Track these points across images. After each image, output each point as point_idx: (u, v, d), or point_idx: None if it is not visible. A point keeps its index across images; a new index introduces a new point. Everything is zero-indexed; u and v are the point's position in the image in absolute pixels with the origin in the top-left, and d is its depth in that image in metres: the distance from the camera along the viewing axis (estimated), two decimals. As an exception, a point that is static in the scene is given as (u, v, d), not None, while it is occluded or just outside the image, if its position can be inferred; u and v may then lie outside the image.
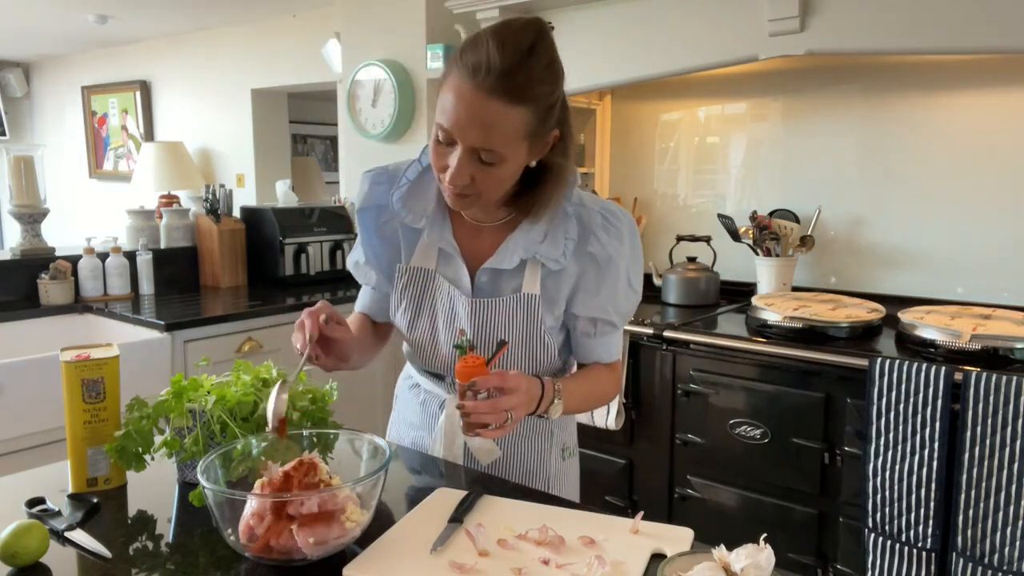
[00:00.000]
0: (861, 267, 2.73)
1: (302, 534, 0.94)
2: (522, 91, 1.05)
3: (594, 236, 1.23)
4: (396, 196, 1.26)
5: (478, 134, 1.07)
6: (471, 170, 1.10)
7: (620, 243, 1.25)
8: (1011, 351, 1.99)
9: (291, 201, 3.64)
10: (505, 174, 1.13)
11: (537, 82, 1.07)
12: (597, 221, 1.24)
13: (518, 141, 1.09)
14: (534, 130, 1.10)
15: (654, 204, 3.21)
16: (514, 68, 1.04)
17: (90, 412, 1.18)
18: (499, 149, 1.08)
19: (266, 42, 4.56)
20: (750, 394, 2.26)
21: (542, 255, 1.22)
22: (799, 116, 2.83)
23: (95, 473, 1.19)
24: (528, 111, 1.07)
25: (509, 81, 1.04)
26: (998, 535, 1.85)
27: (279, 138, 4.91)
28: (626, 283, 1.27)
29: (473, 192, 1.13)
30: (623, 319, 1.31)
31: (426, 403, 1.40)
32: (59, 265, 2.86)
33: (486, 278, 1.26)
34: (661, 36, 2.65)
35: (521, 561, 0.98)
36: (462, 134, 1.07)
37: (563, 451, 1.41)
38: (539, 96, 1.08)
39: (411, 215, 1.26)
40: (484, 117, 1.06)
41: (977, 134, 2.49)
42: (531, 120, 1.08)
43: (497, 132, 1.07)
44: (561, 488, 1.40)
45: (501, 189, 1.16)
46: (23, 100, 6.28)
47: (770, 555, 0.88)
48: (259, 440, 1.12)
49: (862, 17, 2.27)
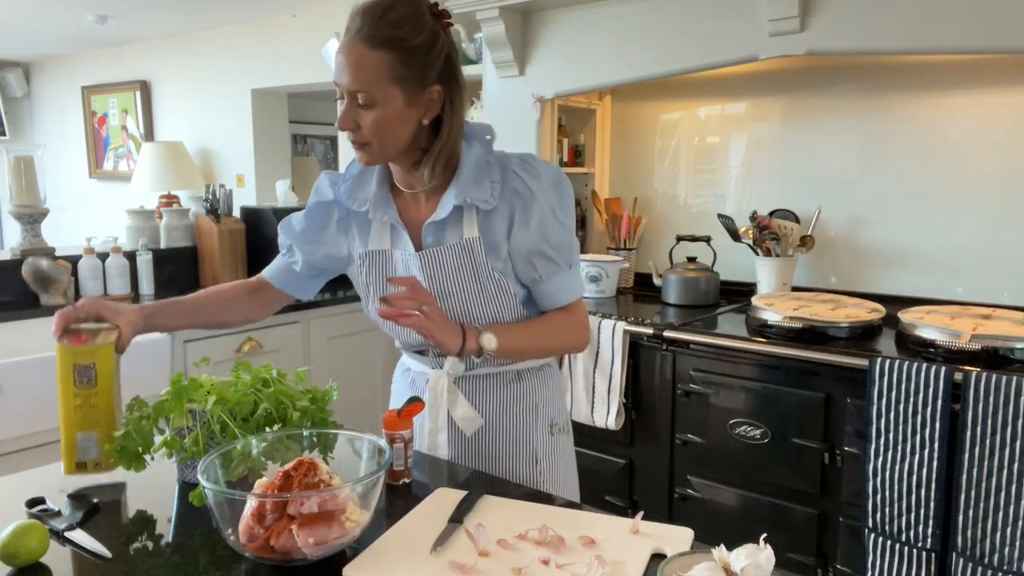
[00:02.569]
0: (861, 267, 2.73)
1: (302, 534, 0.94)
2: (379, 35, 1.20)
3: (514, 174, 1.33)
4: (343, 189, 1.40)
5: (348, 76, 1.22)
6: (353, 115, 1.24)
7: (538, 181, 1.33)
8: (1011, 351, 1.98)
9: (291, 201, 3.64)
10: (384, 117, 1.23)
11: (392, 27, 1.21)
12: (515, 163, 1.34)
13: (386, 83, 1.21)
14: (401, 74, 1.22)
15: (654, 204, 3.21)
16: (372, 18, 1.21)
17: (81, 397, 1.17)
18: (367, 89, 1.21)
19: (266, 42, 4.56)
20: (750, 394, 2.26)
21: (472, 198, 1.30)
22: (799, 116, 2.83)
23: (84, 457, 1.18)
24: (389, 53, 1.21)
25: (368, 28, 1.20)
26: (998, 535, 1.85)
27: (279, 138, 4.91)
28: (551, 215, 1.33)
29: (365, 140, 1.25)
30: (560, 254, 1.35)
31: (415, 382, 1.48)
32: (59, 265, 2.86)
33: (432, 238, 1.34)
34: (661, 36, 2.65)
35: (521, 561, 0.98)
36: (339, 80, 1.23)
37: (551, 426, 1.46)
38: (398, 39, 1.21)
39: (356, 202, 1.38)
40: (350, 60, 1.22)
41: (977, 134, 2.49)
42: (394, 63, 1.21)
43: (362, 72, 1.21)
44: (552, 465, 1.44)
45: (390, 136, 1.25)
46: (23, 100, 6.28)
47: (770, 555, 0.88)
48: (259, 440, 1.12)
49: (862, 17, 2.27)
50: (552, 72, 2.90)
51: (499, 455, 1.41)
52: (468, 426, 1.39)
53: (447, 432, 1.41)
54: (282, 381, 1.27)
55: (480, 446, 1.41)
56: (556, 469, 1.45)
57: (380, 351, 3.24)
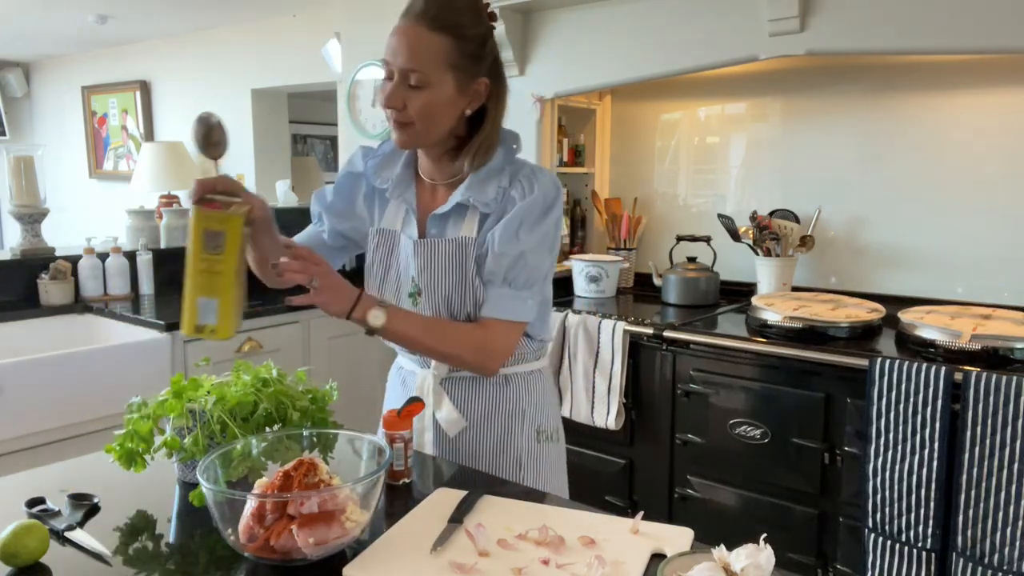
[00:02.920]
0: (861, 267, 2.73)
1: (302, 534, 0.94)
2: (441, 19, 1.23)
3: (519, 183, 1.34)
4: (371, 164, 1.44)
5: (404, 55, 1.23)
6: (402, 94, 1.25)
7: (530, 192, 1.32)
8: (1011, 351, 1.98)
9: (291, 201, 3.65)
10: (433, 101, 1.25)
11: (456, 13, 1.25)
12: (524, 172, 1.36)
13: (441, 68, 1.24)
14: (456, 62, 1.25)
15: (654, 204, 3.21)
16: (437, 3, 1.24)
17: (206, 262, 1.16)
18: (423, 70, 1.23)
19: (266, 42, 4.56)
20: (750, 394, 2.26)
21: (474, 199, 1.32)
22: (799, 116, 2.83)
23: (203, 321, 1.17)
24: (448, 39, 1.24)
25: (431, 10, 1.23)
26: (998, 535, 1.85)
27: (279, 138, 4.91)
28: (514, 226, 1.30)
29: (408, 120, 1.26)
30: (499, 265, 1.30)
31: (406, 381, 1.49)
32: (59, 265, 2.86)
33: (435, 229, 1.37)
34: (661, 36, 2.65)
35: (521, 561, 0.98)
36: (393, 56, 1.25)
37: (538, 433, 1.44)
38: (458, 26, 1.24)
39: (379, 179, 1.42)
40: (409, 40, 1.24)
41: (977, 134, 2.49)
42: (452, 49, 1.24)
43: (420, 54, 1.23)
44: (536, 472, 1.43)
45: (435, 120, 1.27)
46: (23, 100, 6.28)
47: (770, 555, 0.88)
48: (259, 440, 1.12)
49: (862, 17, 2.27)
50: (552, 72, 2.90)
51: (481, 458, 1.41)
52: (451, 428, 1.40)
53: (432, 432, 1.42)
54: (282, 381, 1.27)
55: (463, 447, 1.41)
56: (540, 476, 1.43)
57: (380, 351, 3.24)
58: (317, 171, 5.40)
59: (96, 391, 2.39)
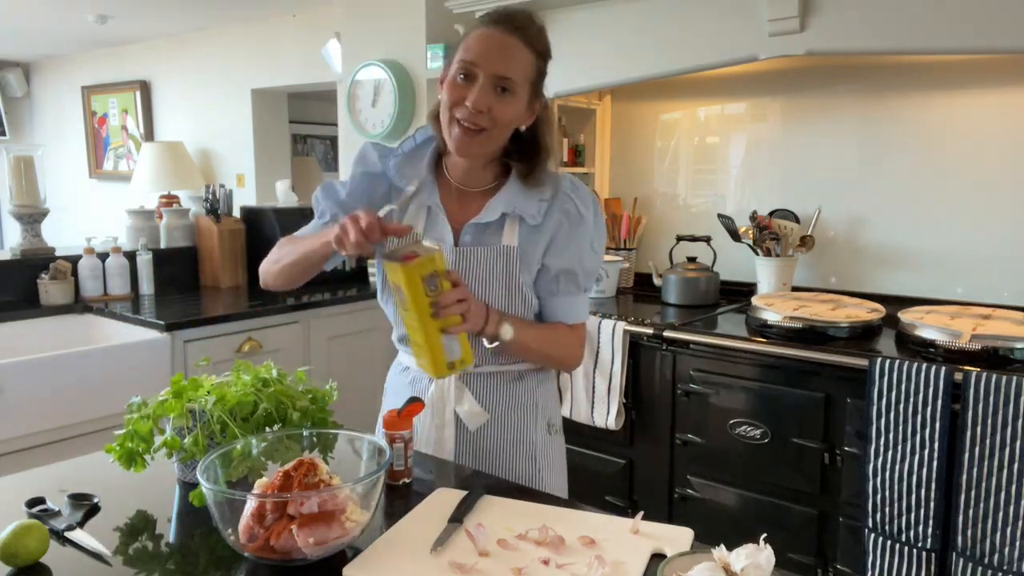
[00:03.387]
0: (861, 267, 2.73)
1: (302, 534, 0.94)
2: (534, 38, 1.29)
3: (567, 195, 1.38)
4: (392, 164, 1.41)
5: (501, 60, 1.26)
6: (490, 99, 1.26)
7: (586, 206, 1.40)
8: (1011, 351, 1.98)
9: (291, 201, 3.64)
10: (514, 111, 1.29)
11: (542, 36, 1.32)
12: (566, 186, 1.40)
13: (525, 82, 1.29)
14: (534, 81, 1.31)
15: (654, 204, 3.21)
16: (534, 28, 1.30)
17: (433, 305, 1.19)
18: (514, 78, 1.27)
19: (266, 42, 4.56)
20: (750, 394, 2.26)
21: (521, 210, 1.35)
22: (799, 116, 2.83)
23: (452, 358, 1.22)
24: (535, 58, 1.30)
25: (527, 27, 1.29)
26: (998, 535, 1.85)
27: (279, 138, 4.91)
28: (589, 243, 1.41)
29: (486, 125, 1.27)
30: (587, 278, 1.43)
31: (415, 381, 1.47)
32: (59, 265, 2.86)
33: (469, 236, 1.37)
34: (661, 36, 2.65)
35: (521, 561, 0.98)
36: (487, 60, 1.26)
37: (549, 427, 1.49)
38: (545, 51, 1.32)
39: (404, 179, 1.39)
40: (506, 47, 1.27)
41: (977, 134, 2.49)
42: (534, 69, 1.30)
43: (515, 64, 1.27)
44: (547, 463, 1.47)
45: (506, 129, 1.31)
46: (23, 100, 6.28)
47: (770, 555, 0.88)
48: (259, 440, 1.12)
49: (862, 17, 2.27)
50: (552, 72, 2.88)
51: (501, 452, 1.43)
52: (473, 421, 1.41)
53: (453, 427, 1.42)
54: (282, 381, 1.27)
55: (483, 443, 1.43)
56: (552, 468, 1.48)
57: (380, 351, 3.24)
58: (317, 171, 5.40)
59: (96, 391, 2.39)
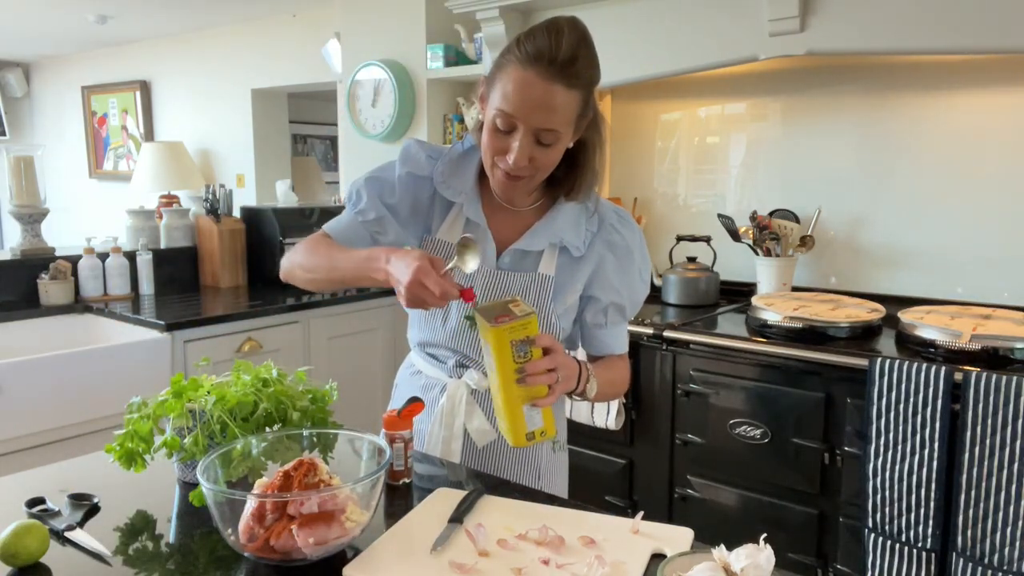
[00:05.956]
0: (861, 267, 2.73)
1: (302, 534, 0.94)
2: (579, 76, 1.16)
3: (612, 227, 1.36)
4: (439, 171, 1.35)
5: (542, 116, 1.16)
6: (531, 151, 1.19)
7: (634, 236, 1.38)
8: (1011, 351, 1.98)
9: (291, 201, 3.64)
10: (558, 154, 1.23)
11: (590, 67, 1.19)
12: (612, 217, 1.37)
13: (570, 123, 1.20)
14: (581, 112, 1.21)
15: (654, 204, 3.21)
16: (573, 56, 1.15)
17: (521, 371, 1.16)
18: (558, 129, 1.18)
19: (266, 42, 4.57)
20: (750, 394, 2.26)
21: (567, 241, 1.33)
22: (799, 116, 2.82)
23: (532, 428, 1.19)
24: (580, 95, 1.19)
25: (570, 68, 1.15)
26: (998, 535, 1.85)
27: (279, 138, 4.91)
28: (638, 274, 1.40)
29: (529, 173, 1.22)
30: (634, 309, 1.43)
31: (427, 387, 1.44)
32: (59, 265, 2.86)
33: (509, 259, 1.35)
34: (661, 36, 2.65)
35: (521, 561, 0.98)
36: (527, 117, 1.17)
37: (554, 444, 1.46)
38: (590, 81, 1.20)
39: (450, 190, 1.34)
40: (547, 100, 1.15)
41: (977, 134, 2.48)
42: (581, 103, 1.20)
43: (558, 114, 1.17)
44: (551, 481, 1.45)
45: (549, 170, 1.26)
46: (23, 100, 6.28)
47: (770, 555, 0.88)
48: (259, 440, 1.12)
49: (862, 17, 2.27)
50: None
51: (506, 468, 1.41)
52: (481, 438, 1.40)
53: (461, 440, 1.40)
54: (282, 381, 1.27)
55: (489, 458, 1.41)
56: (555, 486, 1.46)
57: (380, 351, 3.24)
58: (317, 171, 5.40)
59: (96, 391, 2.39)
